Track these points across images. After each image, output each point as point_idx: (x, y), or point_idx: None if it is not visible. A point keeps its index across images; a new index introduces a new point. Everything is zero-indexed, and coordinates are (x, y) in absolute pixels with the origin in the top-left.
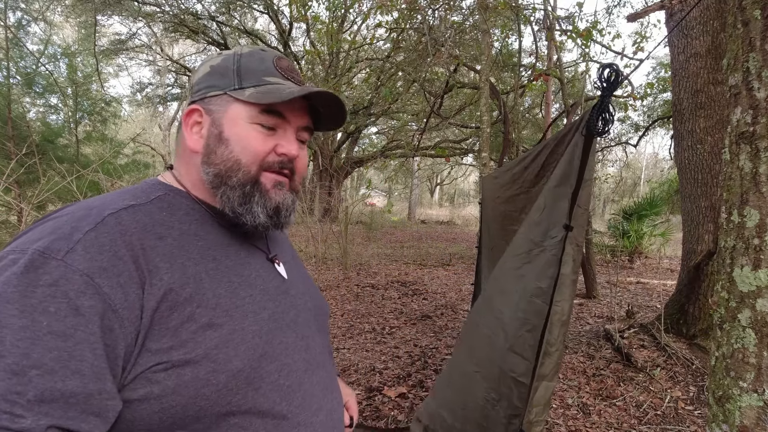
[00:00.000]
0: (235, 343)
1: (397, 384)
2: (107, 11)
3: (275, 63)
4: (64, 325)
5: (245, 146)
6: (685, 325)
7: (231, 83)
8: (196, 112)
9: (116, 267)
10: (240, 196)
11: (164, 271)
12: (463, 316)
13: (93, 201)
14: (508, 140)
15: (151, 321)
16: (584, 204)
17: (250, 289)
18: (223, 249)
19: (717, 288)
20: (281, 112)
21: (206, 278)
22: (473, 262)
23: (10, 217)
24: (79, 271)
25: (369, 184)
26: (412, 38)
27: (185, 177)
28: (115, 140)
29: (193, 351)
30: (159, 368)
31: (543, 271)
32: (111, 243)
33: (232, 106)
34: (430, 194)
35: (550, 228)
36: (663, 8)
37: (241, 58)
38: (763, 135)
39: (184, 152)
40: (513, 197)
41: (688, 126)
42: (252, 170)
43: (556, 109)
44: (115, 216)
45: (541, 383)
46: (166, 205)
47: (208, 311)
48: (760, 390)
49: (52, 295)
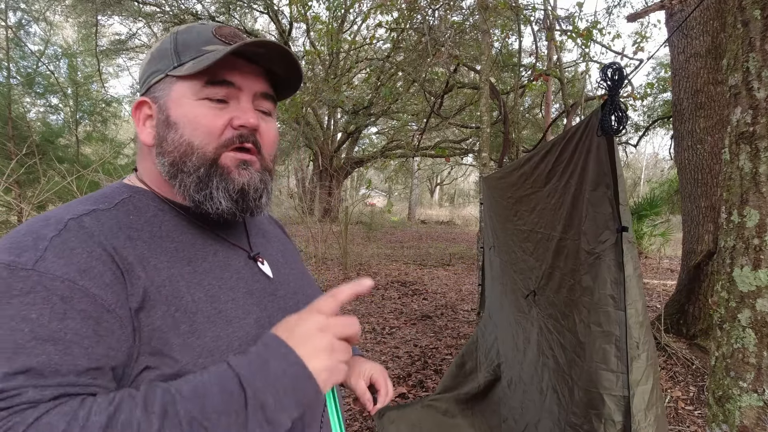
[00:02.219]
0: (222, 350)
1: (397, 384)
2: (107, 11)
3: (215, 31)
4: (50, 330)
5: (195, 126)
6: (685, 325)
7: (170, 63)
8: (144, 105)
9: (96, 268)
10: (196, 182)
11: (139, 270)
12: (463, 316)
13: (50, 212)
14: (508, 140)
15: (139, 322)
16: (624, 201)
17: (231, 292)
18: (199, 250)
19: (717, 288)
20: (229, 80)
21: (182, 282)
22: (473, 262)
23: (11, 217)
24: (57, 277)
25: (369, 184)
26: (412, 38)
27: (147, 176)
28: (115, 140)
29: (180, 358)
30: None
31: (606, 278)
32: (82, 245)
33: (174, 86)
34: (430, 194)
35: (599, 233)
36: (663, 8)
37: (178, 35)
38: (763, 135)
39: (141, 150)
40: (525, 197)
41: (688, 126)
42: (207, 151)
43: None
44: (76, 221)
45: (636, 389)
46: (132, 208)
47: (188, 317)
48: (760, 390)
49: (30, 303)
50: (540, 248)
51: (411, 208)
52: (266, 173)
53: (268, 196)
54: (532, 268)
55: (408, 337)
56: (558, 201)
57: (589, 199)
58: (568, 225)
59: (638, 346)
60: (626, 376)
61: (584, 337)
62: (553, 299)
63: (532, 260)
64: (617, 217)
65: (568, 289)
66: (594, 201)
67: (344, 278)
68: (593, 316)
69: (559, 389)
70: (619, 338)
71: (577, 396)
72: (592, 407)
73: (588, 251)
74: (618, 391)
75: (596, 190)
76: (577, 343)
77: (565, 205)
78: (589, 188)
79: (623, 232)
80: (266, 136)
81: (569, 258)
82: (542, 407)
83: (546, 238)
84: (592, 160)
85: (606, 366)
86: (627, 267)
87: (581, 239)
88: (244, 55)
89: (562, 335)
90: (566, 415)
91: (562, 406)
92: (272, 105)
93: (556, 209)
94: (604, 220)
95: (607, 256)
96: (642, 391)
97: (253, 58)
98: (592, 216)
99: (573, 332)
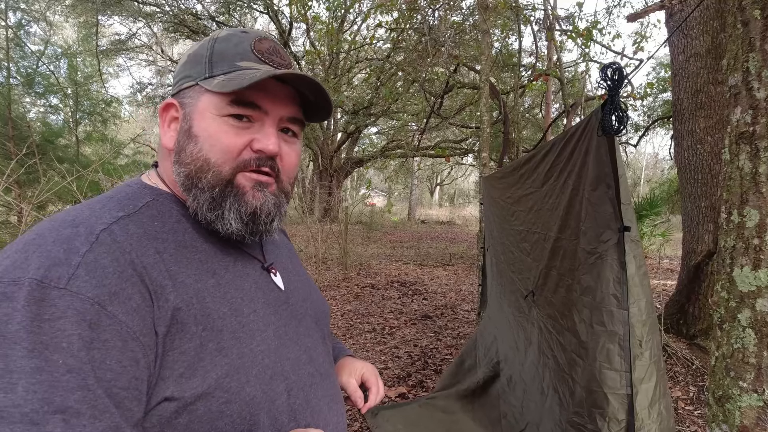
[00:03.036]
0: (246, 367)
1: (397, 384)
2: (107, 11)
3: (253, 45)
4: (80, 362)
5: (214, 143)
6: (685, 325)
7: (202, 72)
8: (172, 107)
9: (125, 290)
10: (209, 201)
11: (169, 290)
12: (463, 316)
13: (74, 214)
14: (508, 140)
15: (164, 347)
16: (626, 200)
17: (252, 304)
18: (221, 261)
19: (717, 288)
20: (257, 104)
21: (208, 297)
22: (473, 262)
23: (11, 217)
24: (88, 299)
25: (369, 184)
26: (412, 38)
27: (168, 177)
28: (115, 140)
29: (204, 381)
30: (171, 407)
31: (608, 278)
32: (114, 263)
33: (202, 97)
34: (430, 194)
35: (600, 233)
36: (663, 8)
37: (216, 43)
38: (763, 135)
39: (162, 151)
40: (524, 197)
41: (688, 126)
42: (224, 170)
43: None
44: (108, 232)
45: (640, 387)
46: (156, 213)
47: (215, 334)
48: (760, 390)
49: (61, 329)
50: (537, 248)
51: (411, 208)
52: (282, 196)
53: (280, 218)
54: (530, 268)
55: (408, 337)
56: (555, 201)
57: (588, 199)
58: (564, 225)
59: (641, 344)
60: (629, 374)
61: (587, 337)
62: (551, 299)
63: (529, 260)
64: (619, 217)
65: (565, 289)
66: (594, 200)
67: (344, 278)
68: (596, 315)
69: (560, 389)
70: (622, 337)
71: (580, 395)
72: (595, 406)
73: (588, 251)
74: (622, 389)
75: (596, 190)
76: (577, 342)
77: (562, 204)
78: (588, 188)
79: (626, 232)
80: (287, 160)
81: (566, 258)
82: (543, 407)
83: (542, 238)
84: (592, 159)
85: (610, 365)
86: (629, 266)
87: (580, 239)
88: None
89: (561, 335)
90: (568, 414)
91: (563, 406)
92: (299, 128)
93: (552, 209)
94: (605, 219)
95: (609, 255)
96: (645, 389)
97: (285, 79)
98: (592, 216)
99: (573, 332)
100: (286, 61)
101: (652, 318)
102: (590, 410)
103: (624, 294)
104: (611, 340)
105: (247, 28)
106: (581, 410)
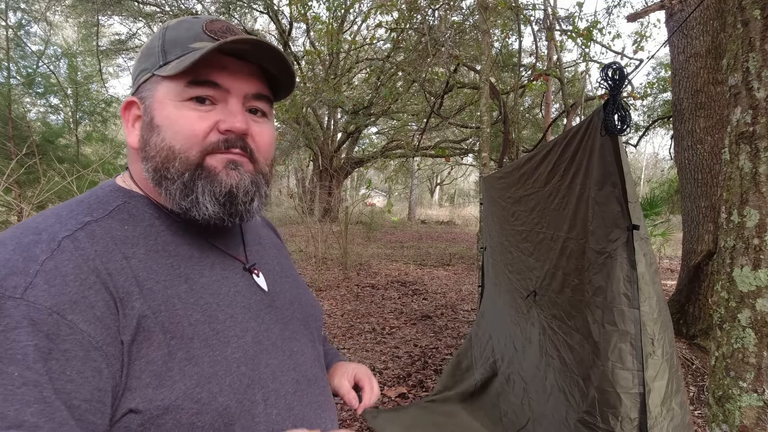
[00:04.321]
0: (219, 376)
1: (397, 384)
2: (107, 11)
3: (205, 27)
4: (36, 373)
5: (177, 129)
6: (685, 325)
7: (157, 61)
8: (133, 105)
9: (87, 298)
10: (181, 188)
11: (135, 297)
12: (463, 316)
13: (39, 220)
14: (508, 140)
15: (130, 356)
16: (633, 198)
17: (229, 309)
18: (196, 264)
19: (717, 288)
20: (214, 81)
21: (179, 304)
22: (473, 262)
23: (11, 217)
24: (45, 309)
25: (369, 184)
26: (412, 38)
27: (139, 179)
28: (115, 140)
29: (172, 392)
30: (137, 420)
31: (619, 277)
32: (75, 271)
33: (159, 86)
34: (430, 194)
35: (608, 232)
36: (663, 8)
37: (167, 31)
38: (763, 135)
39: (130, 152)
40: (525, 197)
41: (688, 126)
42: (191, 156)
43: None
44: (71, 239)
45: (653, 385)
46: (127, 217)
47: (185, 343)
48: (760, 390)
49: (16, 340)
50: (542, 248)
51: (411, 208)
52: (260, 176)
53: (260, 200)
54: (532, 268)
55: (408, 337)
56: (562, 201)
57: (595, 198)
58: (573, 225)
59: (653, 342)
60: (642, 373)
61: (598, 337)
62: (556, 299)
63: (531, 260)
64: (627, 215)
65: (572, 289)
66: (600, 200)
67: (344, 278)
68: (607, 315)
69: (567, 389)
70: (634, 336)
71: (591, 395)
72: (608, 406)
73: (598, 251)
74: (635, 388)
75: (602, 190)
76: (589, 343)
77: (570, 204)
78: (594, 187)
79: (634, 230)
80: (259, 139)
81: (572, 258)
82: (545, 406)
83: (550, 238)
84: (596, 159)
85: (622, 365)
86: (639, 264)
87: (589, 239)
88: (234, 53)
89: (569, 336)
90: (576, 414)
91: (570, 406)
92: (267, 105)
93: (560, 209)
94: (612, 218)
95: (618, 254)
96: (658, 387)
97: (243, 55)
98: (599, 215)
99: (581, 332)
100: (239, 34)
101: (663, 315)
102: (602, 410)
103: (635, 292)
104: (623, 339)
105: (199, 14)
106: (593, 410)
